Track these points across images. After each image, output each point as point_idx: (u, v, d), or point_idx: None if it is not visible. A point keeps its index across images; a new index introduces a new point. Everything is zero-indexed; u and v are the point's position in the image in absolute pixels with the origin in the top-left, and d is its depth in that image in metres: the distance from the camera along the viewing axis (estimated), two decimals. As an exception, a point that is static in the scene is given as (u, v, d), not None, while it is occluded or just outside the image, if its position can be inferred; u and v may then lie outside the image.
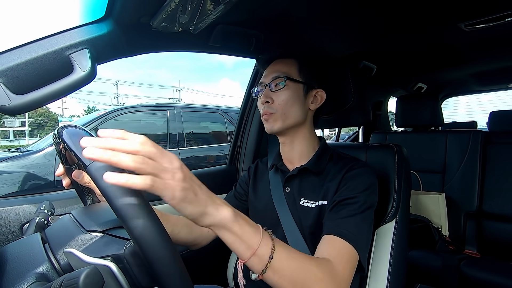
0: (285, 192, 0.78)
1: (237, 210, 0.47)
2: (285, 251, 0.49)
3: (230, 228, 0.44)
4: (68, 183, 0.63)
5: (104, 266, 0.39)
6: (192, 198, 0.40)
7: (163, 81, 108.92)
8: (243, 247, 0.45)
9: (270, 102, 0.76)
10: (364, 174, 0.70)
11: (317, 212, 0.70)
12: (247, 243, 0.45)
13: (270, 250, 0.46)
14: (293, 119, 0.75)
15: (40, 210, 0.61)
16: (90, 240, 0.45)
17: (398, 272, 0.74)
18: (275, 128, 0.76)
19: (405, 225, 0.78)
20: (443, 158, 1.67)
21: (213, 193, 0.45)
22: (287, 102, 0.75)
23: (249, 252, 0.45)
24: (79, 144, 0.37)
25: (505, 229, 1.48)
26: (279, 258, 0.47)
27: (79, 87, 0.56)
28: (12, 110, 0.50)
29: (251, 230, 0.46)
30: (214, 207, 0.43)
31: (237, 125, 1.37)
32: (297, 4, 0.88)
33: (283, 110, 0.75)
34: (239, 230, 0.44)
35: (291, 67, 0.78)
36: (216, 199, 0.44)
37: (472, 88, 2.53)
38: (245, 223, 0.46)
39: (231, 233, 0.44)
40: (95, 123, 2.82)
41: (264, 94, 0.77)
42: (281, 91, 0.75)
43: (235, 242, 0.45)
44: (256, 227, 0.48)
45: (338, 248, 0.59)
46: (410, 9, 0.99)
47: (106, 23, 0.61)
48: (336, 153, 0.79)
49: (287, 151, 0.81)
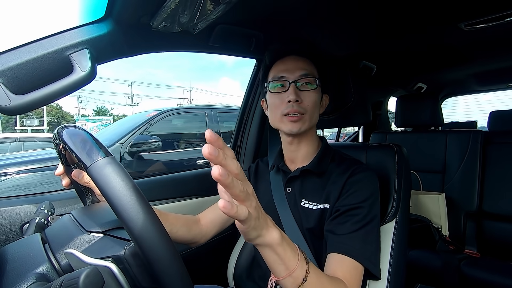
0: (287, 192, 0.78)
1: (283, 232, 0.48)
2: (316, 275, 0.51)
3: (275, 249, 0.45)
4: (68, 182, 0.63)
5: (104, 267, 0.39)
6: (257, 225, 0.42)
7: (163, 81, 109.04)
8: (282, 268, 0.47)
9: (300, 101, 0.71)
10: (367, 180, 0.69)
11: (319, 215, 0.70)
12: (287, 264, 0.47)
13: (304, 273, 0.48)
14: (314, 122, 0.75)
15: (40, 210, 0.61)
16: (91, 240, 0.45)
17: (398, 272, 0.74)
18: (302, 130, 0.72)
19: (405, 225, 0.78)
20: (443, 158, 1.67)
21: (266, 214, 0.46)
22: (315, 104, 0.72)
23: (286, 273, 0.47)
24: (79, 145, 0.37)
25: (505, 229, 1.48)
26: (311, 282, 0.49)
27: (79, 87, 0.56)
28: (12, 110, 0.50)
29: (292, 253, 0.47)
30: (266, 229, 0.44)
31: (237, 124, 1.37)
32: (297, 4, 0.88)
33: (311, 112, 0.72)
34: (282, 252, 0.46)
35: (313, 68, 0.74)
36: (269, 220, 0.46)
37: (472, 88, 2.53)
38: (287, 245, 0.47)
39: (275, 254, 0.46)
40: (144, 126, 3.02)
41: (293, 91, 0.70)
42: (311, 92, 0.72)
43: (276, 261, 0.47)
44: (295, 250, 0.49)
45: (349, 269, 0.60)
46: (410, 9, 0.99)
47: (106, 23, 0.61)
48: (338, 153, 0.79)
49: (292, 151, 0.79)
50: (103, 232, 0.46)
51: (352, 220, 0.64)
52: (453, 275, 1.30)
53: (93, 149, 0.42)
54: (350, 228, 0.63)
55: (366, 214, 0.64)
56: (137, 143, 2.79)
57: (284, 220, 0.74)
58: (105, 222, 0.48)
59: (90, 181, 0.60)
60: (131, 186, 0.39)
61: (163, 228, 0.39)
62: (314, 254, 0.70)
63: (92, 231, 0.46)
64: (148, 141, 2.83)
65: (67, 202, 0.88)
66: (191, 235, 0.78)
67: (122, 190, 0.38)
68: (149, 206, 0.39)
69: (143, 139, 2.84)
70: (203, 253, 1.11)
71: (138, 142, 2.79)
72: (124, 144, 2.74)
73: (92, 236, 0.46)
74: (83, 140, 0.43)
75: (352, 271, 0.59)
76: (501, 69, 1.87)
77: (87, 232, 0.46)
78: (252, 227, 0.41)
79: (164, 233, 0.38)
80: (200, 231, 0.80)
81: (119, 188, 0.38)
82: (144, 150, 2.83)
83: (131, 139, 2.79)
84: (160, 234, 0.38)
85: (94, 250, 0.43)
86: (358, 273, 0.60)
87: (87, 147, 0.42)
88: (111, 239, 0.45)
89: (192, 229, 0.79)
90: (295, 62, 0.73)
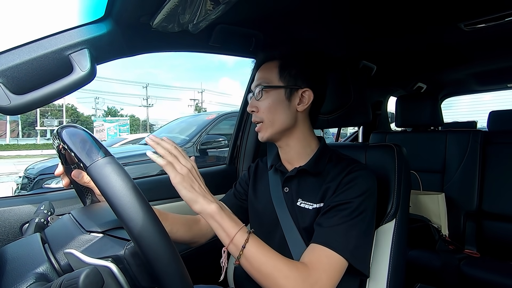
0: (284, 192, 0.78)
1: (225, 208, 0.60)
2: (257, 245, 0.58)
3: (214, 217, 0.57)
4: (68, 182, 0.63)
5: (104, 267, 0.38)
6: (187, 186, 0.56)
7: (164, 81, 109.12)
8: (223, 235, 0.58)
9: (256, 111, 0.76)
10: (361, 178, 0.68)
11: (314, 214, 0.70)
12: (227, 231, 0.57)
13: (243, 241, 0.57)
14: (280, 125, 0.75)
15: (40, 210, 0.61)
16: (90, 240, 0.45)
17: (398, 272, 0.74)
18: (264, 138, 0.76)
19: (405, 225, 0.78)
20: (443, 157, 1.67)
21: (210, 193, 0.60)
22: (270, 109, 0.74)
23: (228, 240, 0.57)
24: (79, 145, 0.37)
25: (505, 228, 1.48)
26: (251, 249, 0.57)
27: (79, 87, 0.56)
28: (12, 110, 0.50)
29: (231, 223, 0.58)
30: (205, 201, 0.57)
31: (237, 125, 1.37)
32: (297, 4, 0.88)
33: (267, 118, 0.75)
34: (221, 220, 0.57)
35: (272, 72, 0.76)
36: (209, 196, 0.59)
37: (472, 88, 2.53)
38: (227, 217, 0.58)
39: (215, 222, 0.57)
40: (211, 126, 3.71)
41: (250, 103, 0.78)
42: (263, 100, 0.75)
43: (218, 229, 0.58)
44: (237, 222, 0.59)
45: (318, 256, 0.60)
46: (410, 9, 0.99)
47: (106, 23, 0.61)
48: (336, 154, 0.78)
49: (285, 153, 0.81)
50: (102, 232, 0.46)
51: (339, 214, 0.64)
52: (452, 275, 1.30)
53: (93, 149, 0.42)
54: (336, 221, 0.63)
55: (354, 209, 0.64)
56: (207, 142, 3.46)
57: (282, 219, 0.74)
58: (104, 222, 0.48)
59: (90, 181, 0.60)
60: (131, 186, 0.39)
61: (163, 228, 0.39)
62: None
63: (92, 231, 0.46)
64: (216, 140, 3.49)
65: (67, 202, 0.88)
66: (191, 234, 0.78)
67: (121, 189, 0.38)
68: (148, 206, 0.39)
69: (212, 138, 3.50)
70: (203, 253, 1.11)
71: (208, 141, 3.48)
72: (195, 142, 3.45)
73: (91, 236, 0.46)
74: (82, 140, 0.43)
75: (323, 259, 0.59)
76: (501, 69, 1.87)
77: (87, 232, 0.46)
78: (179, 183, 0.55)
79: (164, 233, 0.38)
80: (200, 231, 0.80)
81: (119, 188, 0.38)
82: (213, 147, 3.48)
83: (200, 138, 3.50)
84: (160, 233, 0.37)
85: (94, 250, 0.43)
86: (331, 263, 0.59)
87: (86, 147, 0.42)
88: (110, 239, 0.45)
89: (192, 229, 0.79)
90: (258, 73, 0.79)
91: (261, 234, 0.80)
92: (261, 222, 0.81)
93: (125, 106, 39.56)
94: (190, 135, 3.58)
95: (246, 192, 0.90)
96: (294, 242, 0.71)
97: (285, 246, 0.72)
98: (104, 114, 35.39)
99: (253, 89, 0.78)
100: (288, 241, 0.72)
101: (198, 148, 3.41)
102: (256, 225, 0.84)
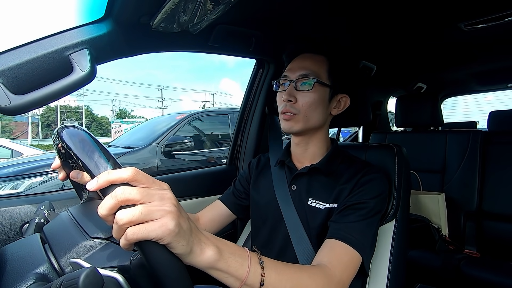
0: (291, 190, 0.77)
1: (221, 243, 0.44)
2: (275, 274, 0.48)
3: (215, 267, 0.42)
4: (64, 176, 0.62)
5: (111, 278, 0.38)
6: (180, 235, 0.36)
7: (164, 81, 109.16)
8: (231, 280, 0.44)
9: (293, 102, 0.71)
10: (378, 180, 0.69)
11: (326, 214, 0.70)
12: (235, 275, 0.44)
13: (260, 277, 0.46)
14: (314, 123, 0.73)
15: (39, 211, 0.61)
16: (94, 247, 0.45)
17: (398, 272, 0.74)
18: (294, 129, 0.72)
19: (405, 225, 0.78)
20: (443, 158, 1.67)
21: (198, 230, 0.41)
22: (311, 105, 0.71)
23: (238, 283, 0.44)
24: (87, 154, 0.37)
25: (505, 229, 1.48)
26: (270, 283, 0.47)
27: (79, 87, 0.56)
28: (12, 110, 0.50)
29: (237, 264, 0.44)
30: (199, 248, 0.39)
31: (237, 124, 1.37)
32: (297, 4, 0.88)
33: (306, 113, 0.71)
34: (225, 267, 0.42)
35: (321, 66, 0.73)
36: (202, 237, 0.41)
37: (472, 88, 2.53)
38: (230, 256, 0.43)
39: (218, 271, 0.43)
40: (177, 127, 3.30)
41: (288, 91, 0.72)
42: (308, 92, 0.71)
43: (223, 277, 0.43)
44: (243, 257, 0.45)
45: (338, 253, 0.59)
46: (410, 9, 0.99)
47: (106, 23, 0.61)
48: (347, 155, 0.78)
49: (300, 152, 0.79)
50: (106, 238, 0.46)
51: (356, 213, 0.64)
52: (452, 275, 1.30)
53: (101, 160, 0.39)
54: (353, 219, 0.63)
55: (371, 209, 0.65)
56: (171, 143, 3.01)
57: (287, 218, 0.74)
58: (107, 227, 0.48)
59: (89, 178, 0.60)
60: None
61: None
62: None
63: (95, 237, 0.46)
64: (182, 141, 3.05)
65: (67, 202, 0.88)
66: None
67: None
68: None
69: (177, 139, 3.06)
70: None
71: (172, 143, 3.02)
72: (159, 144, 3.01)
73: (95, 242, 0.45)
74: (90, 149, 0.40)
75: (343, 257, 0.59)
76: (501, 69, 1.87)
77: (91, 238, 0.46)
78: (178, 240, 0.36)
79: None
80: None
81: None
82: (178, 150, 3.06)
83: (165, 139, 3.06)
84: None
85: (99, 259, 0.43)
86: (350, 260, 0.59)
87: (95, 158, 0.39)
88: (115, 246, 0.45)
89: None
90: (301, 62, 0.74)
91: (265, 230, 0.80)
92: (265, 218, 0.81)
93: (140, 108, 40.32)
94: (153, 137, 3.09)
95: (246, 190, 0.90)
96: (298, 239, 0.70)
97: (289, 243, 0.72)
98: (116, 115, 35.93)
99: (292, 78, 0.72)
100: (292, 238, 0.71)
101: (162, 151, 2.99)
102: (259, 221, 0.83)
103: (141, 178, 0.35)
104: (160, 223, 0.34)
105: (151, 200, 0.34)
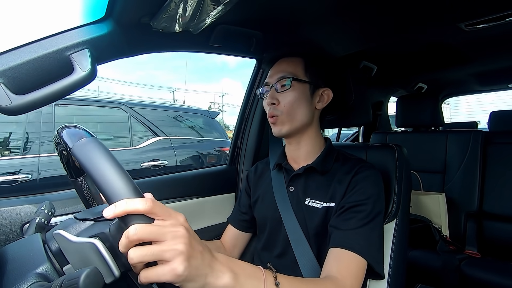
0: (289, 192, 0.78)
1: (237, 266, 0.43)
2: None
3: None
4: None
5: (89, 243, 0.39)
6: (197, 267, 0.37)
7: (164, 82, 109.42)
8: None
9: (276, 104, 0.74)
10: (372, 177, 0.69)
11: (324, 213, 0.70)
12: None
13: None
14: (300, 121, 0.74)
15: (40, 210, 0.61)
16: (81, 227, 0.45)
17: (398, 272, 0.74)
18: (283, 132, 0.74)
19: (406, 225, 0.78)
20: (444, 158, 1.67)
21: (212, 256, 0.40)
22: (293, 103, 0.73)
23: None
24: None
25: (506, 229, 1.47)
26: None
27: (79, 87, 0.56)
28: (13, 111, 0.50)
29: (254, 286, 0.44)
30: (214, 277, 0.39)
31: (238, 125, 1.37)
32: (297, 4, 0.88)
33: (289, 111, 0.73)
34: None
35: (297, 66, 0.76)
36: (217, 262, 0.40)
37: (473, 88, 2.53)
38: (246, 280, 0.43)
39: None
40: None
41: (269, 95, 0.75)
42: (287, 92, 0.73)
43: None
44: (258, 279, 0.45)
45: (346, 263, 0.59)
46: (410, 9, 0.99)
47: (107, 23, 0.61)
48: (342, 153, 0.79)
49: (293, 151, 0.80)
50: (94, 219, 0.46)
51: (357, 216, 0.64)
52: (453, 275, 1.30)
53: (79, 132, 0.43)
54: (355, 224, 0.63)
55: (370, 211, 0.65)
56: None
57: (286, 220, 0.74)
58: (98, 212, 0.48)
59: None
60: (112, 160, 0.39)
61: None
62: (316, 253, 0.70)
63: (84, 219, 0.46)
64: None
65: (67, 202, 0.88)
66: None
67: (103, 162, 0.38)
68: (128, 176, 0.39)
69: None
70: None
71: None
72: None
73: (84, 224, 0.46)
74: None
75: (351, 266, 0.59)
76: (501, 69, 1.87)
77: (79, 220, 0.46)
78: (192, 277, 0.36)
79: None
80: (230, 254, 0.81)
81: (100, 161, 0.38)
82: None
83: None
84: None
85: (83, 232, 0.43)
86: (358, 268, 0.60)
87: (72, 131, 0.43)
88: (101, 222, 0.45)
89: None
90: (278, 66, 0.78)
91: (266, 233, 0.81)
92: (266, 222, 0.82)
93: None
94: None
95: (249, 201, 0.90)
96: (297, 241, 0.71)
97: (288, 246, 0.72)
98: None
99: (272, 82, 0.76)
100: (291, 241, 0.72)
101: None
102: (261, 226, 0.84)
103: (157, 211, 0.36)
104: (170, 267, 0.35)
105: (163, 239, 0.35)
